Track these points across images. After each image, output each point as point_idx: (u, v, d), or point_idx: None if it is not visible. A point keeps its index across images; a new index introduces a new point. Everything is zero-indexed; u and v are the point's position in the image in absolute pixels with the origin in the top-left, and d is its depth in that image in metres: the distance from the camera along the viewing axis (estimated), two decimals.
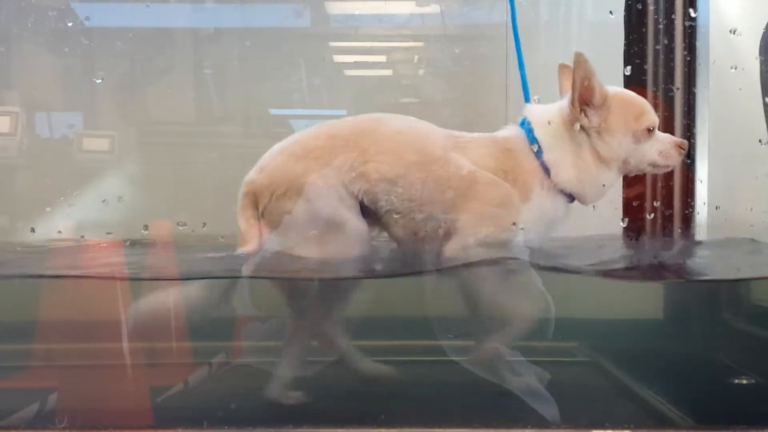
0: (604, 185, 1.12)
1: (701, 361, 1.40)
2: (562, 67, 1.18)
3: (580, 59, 1.09)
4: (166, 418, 0.99)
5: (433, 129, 1.16)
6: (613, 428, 0.86)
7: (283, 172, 1.13)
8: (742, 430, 0.85)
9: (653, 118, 1.13)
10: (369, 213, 1.13)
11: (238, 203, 1.15)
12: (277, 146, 1.17)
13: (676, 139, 1.14)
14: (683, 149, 1.12)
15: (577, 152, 1.12)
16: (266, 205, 1.13)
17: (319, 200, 1.11)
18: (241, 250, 1.14)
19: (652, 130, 1.12)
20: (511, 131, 1.15)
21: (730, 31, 1.14)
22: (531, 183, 1.10)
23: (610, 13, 1.23)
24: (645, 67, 1.29)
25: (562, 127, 1.12)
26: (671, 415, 1.09)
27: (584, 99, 1.10)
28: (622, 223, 1.20)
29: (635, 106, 1.13)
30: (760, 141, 1.15)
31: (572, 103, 1.10)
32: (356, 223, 1.11)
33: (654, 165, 1.13)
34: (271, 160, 1.15)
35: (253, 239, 1.13)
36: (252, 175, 1.16)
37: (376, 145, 1.12)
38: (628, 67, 1.15)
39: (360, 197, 1.12)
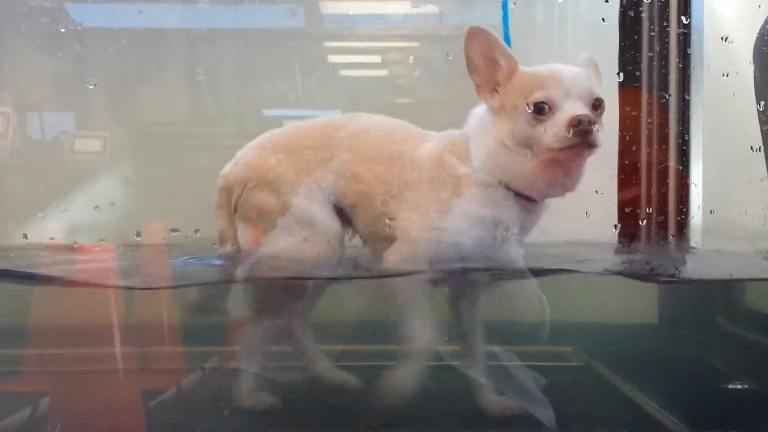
0: (511, 170, 1.00)
1: (695, 365, 1.41)
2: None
3: (472, 32, 1.00)
4: (159, 423, 0.99)
5: (401, 127, 1.13)
6: None
7: (255, 165, 1.14)
8: None
9: (545, 93, 0.97)
10: (343, 213, 1.12)
11: (216, 199, 1.16)
12: (253, 141, 1.18)
13: (572, 117, 0.95)
14: (575, 126, 0.94)
15: (486, 138, 1.03)
16: (238, 198, 1.14)
17: (289, 194, 1.11)
18: (220, 250, 1.15)
19: (546, 109, 0.97)
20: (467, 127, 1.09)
21: (722, 39, 1.14)
22: (465, 180, 1.03)
23: (603, 20, 1.22)
24: (637, 73, 1.29)
25: (483, 115, 1.06)
26: (664, 419, 1.09)
27: (491, 77, 1.01)
28: (614, 229, 1.17)
29: (532, 82, 0.99)
30: (751, 148, 1.14)
31: (474, 82, 1.01)
32: (326, 219, 1.09)
33: (551, 150, 0.96)
34: (244, 154, 1.16)
35: (230, 238, 1.15)
36: (227, 168, 1.17)
37: (341, 142, 1.12)
38: (621, 73, 1.13)
39: (329, 194, 1.11)
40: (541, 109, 0.98)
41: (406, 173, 1.06)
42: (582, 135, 0.95)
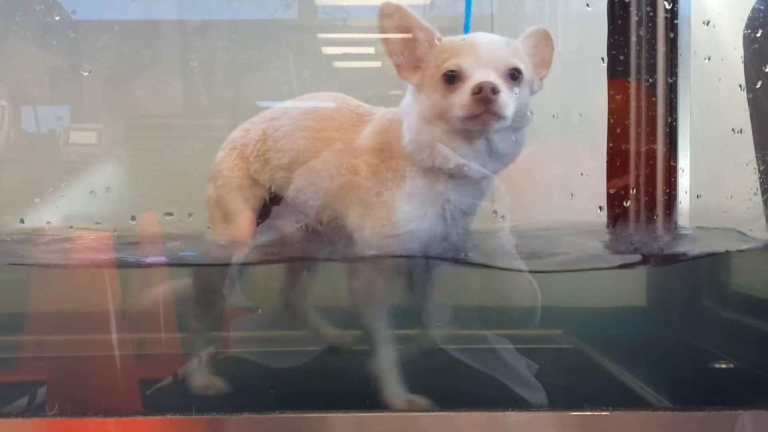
0: (432, 145, 0.97)
1: (682, 346, 1.43)
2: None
3: (386, 10, 0.96)
4: (156, 404, 1.01)
5: (336, 110, 1.09)
6: (591, 410, 0.89)
7: (214, 160, 1.19)
8: (717, 411, 0.88)
9: (455, 62, 0.94)
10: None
11: None
12: None
13: (475, 85, 0.92)
14: (479, 94, 0.91)
15: (412, 116, 1.00)
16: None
17: (222, 189, 1.14)
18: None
19: (456, 79, 0.94)
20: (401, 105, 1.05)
21: (704, 23, 1.15)
22: (403, 165, 1.00)
23: (587, 5, 1.23)
24: (622, 57, 1.30)
25: (408, 93, 1.02)
26: (650, 397, 1.11)
27: (411, 55, 0.97)
28: (599, 211, 1.18)
29: (447, 52, 0.96)
30: (733, 130, 1.16)
31: (393, 63, 0.98)
32: (244, 214, 1.10)
33: (460, 119, 0.94)
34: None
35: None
36: None
37: (278, 131, 1.11)
38: (605, 58, 1.13)
39: (267, 185, 1.11)
40: (451, 78, 0.94)
41: (345, 166, 1.04)
42: (485, 103, 0.92)
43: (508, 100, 0.93)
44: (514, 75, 0.96)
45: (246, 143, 1.15)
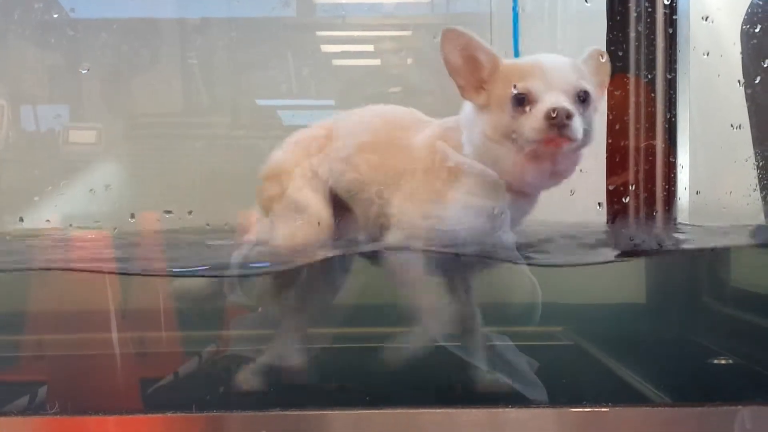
0: (498, 162, 0.99)
1: (681, 342, 1.43)
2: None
3: (447, 35, 0.98)
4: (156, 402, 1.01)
5: (403, 115, 1.13)
6: (591, 406, 0.89)
7: (271, 159, 1.18)
8: (716, 406, 0.88)
9: (524, 85, 0.96)
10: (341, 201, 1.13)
11: None
12: None
13: (548, 109, 0.94)
14: (553, 118, 0.92)
15: (474, 131, 1.02)
16: (257, 193, 1.17)
17: (288, 181, 1.14)
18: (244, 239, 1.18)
19: (525, 101, 0.96)
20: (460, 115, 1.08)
21: (702, 18, 1.15)
22: (459, 169, 1.02)
23: (586, 1, 1.23)
24: (621, 53, 1.30)
25: (469, 108, 1.04)
26: (650, 394, 1.12)
27: (474, 77, 0.99)
28: (598, 207, 1.18)
29: (514, 75, 0.98)
30: (732, 126, 1.16)
31: (456, 84, 1.00)
32: (319, 205, 1.11)
33: (531, 142, 0.96)
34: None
35: (251, 228, 1.18)
36: None
37: (341, 129, 1.14)
38: (604, 55, 1.13)
39: (325, 181, 1.12)
40: (520, 101, 0.97)
41: (401, 162, 1.06)
42: (558, 128, 0.94)
43: (579, 123, 0.96)
44: (581, 97, 0.98)
45: (313, 137, 1.17)
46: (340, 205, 1.14)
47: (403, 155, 1.07)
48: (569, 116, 0.94)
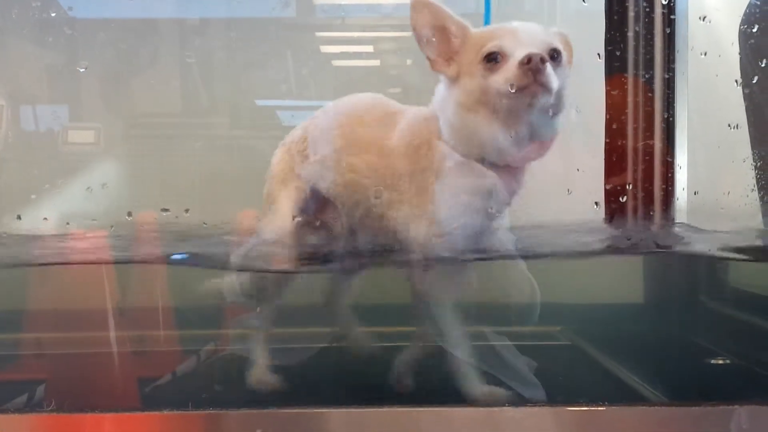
0: (476, 132, 0.97)
1: (679, 342, 1.43)
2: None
3: (417, 4, 0.96)
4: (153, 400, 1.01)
5: (372, 107, 1.11)
6: (587, 405, 0.89)
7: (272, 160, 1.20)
8: (713, 406, 0.88)
9: (496, 43, 0.95)
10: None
11: None
12: None
13: (522, 56, 0.92)
14: (528, 64, 0.91)
15: (448, 108, 1.00)
16: None
17: (269, 183, 1.17)
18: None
19: (497, 59, 0.94)
20: (433, 101, 1.05)
21: (700, 18, 1.15)
22: (437, 154, 1.00)
23: (584, 0, 1.23)
24: (618, 53, 1.30)
25: (443, 87, 1.02)
26: (647, 394, 1.12)
27: (445, 48, 0.98)
28: (595, 206, 1.18)
29: (484, 38, 0.97)
30: (729, 125, 1.16)
31: (427, 58, 0.98)
32: (284, 209, 1.12)
33: (504, 95, 0.93)
34: None
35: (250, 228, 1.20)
36: None
37: (314, 131, 1.14)
38: (607, 57, 1.13)
39: (308, 184, 1.13)
40: (492, 59, 0.95)
41: (377, 163, 1.04)
42: (533, 73, 0.92)
43: (553, 73, 0.94)
44: (553, 55, 0.96)
45: (293, 140, 1.19)
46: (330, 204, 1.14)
47: (379, 155, 1.05)
48: (543, 60, 0.92)
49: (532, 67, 0.92)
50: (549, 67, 0.93)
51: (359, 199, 1.07)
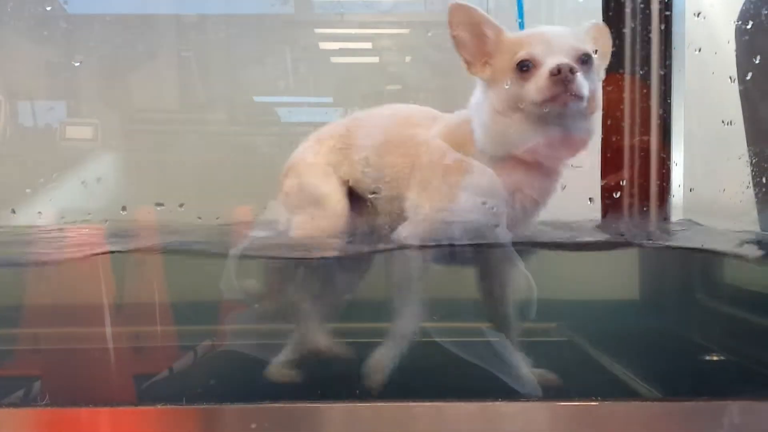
0: (509, 137, 1.00)
1: (674, 339, 1.44)
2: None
3: (454, 8, 1.00)
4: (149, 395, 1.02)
5: (417, 112, 1.16)
6: (580, 400, 0.89)
7: (292, 155, 1.21)
8: (705, 401, 0.88)
9: (527, 51, 0.98)
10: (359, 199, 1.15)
11: None
12: None
13: (552, 67, 0.95)
14: (558, 75, 0.94)
15: (483, 112, 1.03)
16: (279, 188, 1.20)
17: (306, 176, 1.16)
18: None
19: (530, 67, 0.97)
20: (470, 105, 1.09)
21: (695, 14, 1.15)
22: (469, 152, 1.03)
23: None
24: (615, 50, 1.30)
25: (479, 91, 1.06)
26: (642, 390, 1.12)
27: (481, 51, 1.01)
28: (590, 203, 1.18)
29: (517, 45, 1.00)
30: (723, 122, 1.16)
31: (463, 60, 1.01)
32: (336, 199, 1.12)
33: (538, 103, 0.96)
34: None
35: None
36: None
37: (358, 128, 1.16)
38: (597, 51, 1.13)
39: (346, 179, 1.15)
40: (525, 67, 0.98)
41: (416, 159, 1.08)
42: (563, 84, 0.95)
43: (583, 81, 0.96)
44: (584, 60, 0.99)
45: (331, 135, 1.19)
46: (362, 204, 1.15)
47: (416, 152, 1.08)
48: (573, 71, 0.95)
49: (562, 77, 0.95)
50: (579, 76, 0.96)
51: (395, 195, 1.09)
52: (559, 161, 1.04)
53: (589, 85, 0.98)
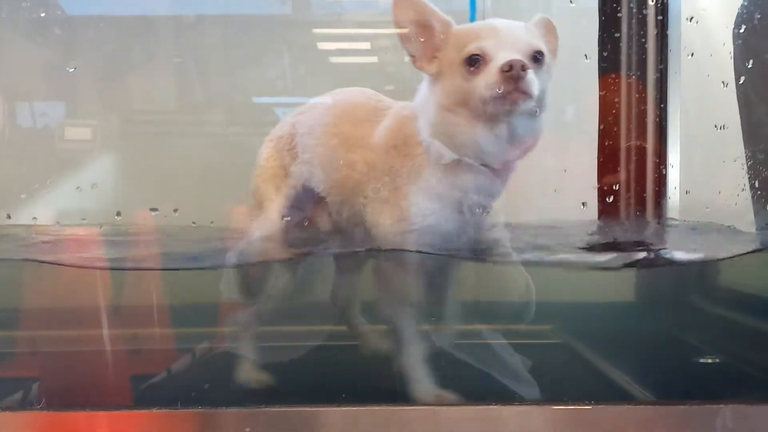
0: (456, 134, 0.96)
1: (670, 341, 1.44)
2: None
3: (398, 1, 0.95)
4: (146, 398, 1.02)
5: (361, 104, 1.10)
6: (574, 404, 0.90)
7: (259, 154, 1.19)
8: (698, 405, 0.89)
9: (478, 44, 0.93)
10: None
11: None
12: None
13: (503, 63, 0.90)
14: (509, 72, 0.89)
15: (429, 107, 0.99)
16: None
17: (256, 179, 1.16)
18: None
19: (479, 62, 0.92)
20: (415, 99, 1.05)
21: (687, 19, 1.15)
22: (420, 160, 0.99)
23: (570, 1, 1.23)
24: (606, 54, 1.30)
25: (425, 86, 1.02)
26: (637, 393, 1.13)
27: (427, 45, 0.96)
28: (583, 207, 1.18)
29: (467, 37, 0.95)
30: (716, 126, 1.16)
31: (409, 54, 0.97)
32: (273, 205, 1.12)
33: (485, 101, 0.92)
34: None
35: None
36: None
37: (301, 128, 1.13)
38: (588, 55, 1.13)
39: (299, 181, 1.13)
40: (474, 61, 0.93)
41: (365, 159, 1.04)
42: (514, 80, 0.90)
43: (534, 79, 0.93)
44: (536, 58, 0.95)
45: (281, 136, 1.17)
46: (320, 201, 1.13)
47: (362, 155, 1.04)
48: (524, 68, 0.91)
49: (513, 74, 0.91)
50: (530, 73, 0.92)
51: (346, 197, 1.07)
52: (507, 162, 1.00)
53: (540, 84, 0.94)
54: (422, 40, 0.97)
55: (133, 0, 1.75)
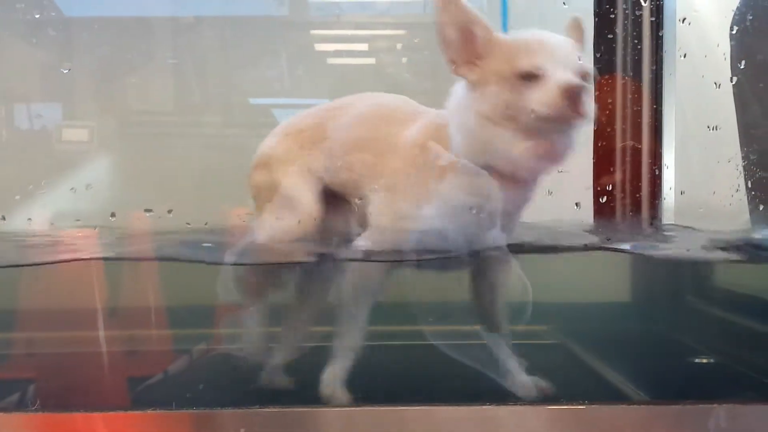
0: (493, 144, 0.95)
1: (665, 341, 1.45)
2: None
3: (444, 5, 0.93)
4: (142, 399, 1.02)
5: (396, 107, 1.10)
6: (567, 404, 0.90)
7: (261, 148, 1.16)
8: (691, 405, 0.89)
9: (533, 60, 0.92)
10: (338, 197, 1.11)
11: None
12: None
13: (564, 83, 0.90)
14: (569, 95, 0.89)
15: (466, 116, 0.97)
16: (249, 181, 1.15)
17: (277, 173, 1.12)
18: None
19: (532, 76, 0.92)
20: (447, 105, 1.03)
21: (680, 20, 1.15)
22: (447, 167, 0.98)
23: (564, 3, 1.23)
24: (611, 57, 1.31)
25: (461, 93, 1.00)
26: (632, 393, 1.13)
27: (469, 51, 0.94)
28: (576, 207, 1.18)
29: (517, 49, 0.94)
30: (708, 127, 1.16)
31: (448, 59, 0.95)
32: (310, 203, 1.08)
33: (538, 116, 0.91)
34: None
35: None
36: None
37: (333, 124, 1.11)
38: (581, 57, 1.13)
39: (322, 179, 1.10)
40: (530, 76, 0.92)
41: (389, 161, 1.03)
42: (573, 101, 0.90)
43: (589, 101, 0.93)
44: (583, 76, 0.96)
45: (301, 129, 1.14)
46: (338, 201, 1.12)
47: (393, 154, 1.04)
48: (583, 90, 0.91)
49: (573, 96, 0.91)
50: (586, 95, 0.92)
51: (368, 197, 1.06)
52: (538, 173, 1.00)
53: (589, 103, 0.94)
54: (463, 46, 0.96)
55: (131, 1, 1.75)
